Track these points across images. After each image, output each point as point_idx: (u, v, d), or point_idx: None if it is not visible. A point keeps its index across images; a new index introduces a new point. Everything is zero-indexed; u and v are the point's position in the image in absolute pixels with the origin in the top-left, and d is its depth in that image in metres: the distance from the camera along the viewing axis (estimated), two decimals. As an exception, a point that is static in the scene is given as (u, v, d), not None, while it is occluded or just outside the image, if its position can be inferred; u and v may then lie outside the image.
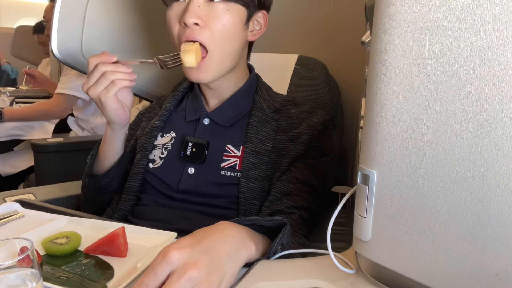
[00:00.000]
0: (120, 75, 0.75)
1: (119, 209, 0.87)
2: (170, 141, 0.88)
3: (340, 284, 0.51)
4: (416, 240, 0.43)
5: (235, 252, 0.51)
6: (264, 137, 0.83)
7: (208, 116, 0.87)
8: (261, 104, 0.86)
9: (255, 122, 0.84)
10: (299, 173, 0.81)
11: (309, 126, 0.84)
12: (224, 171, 0.81)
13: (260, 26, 0.85)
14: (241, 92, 0.87)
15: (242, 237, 0.54)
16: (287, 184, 0.79)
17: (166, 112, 0.92)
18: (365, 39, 0.61)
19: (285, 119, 0.86)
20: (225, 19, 0.76)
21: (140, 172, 0.87)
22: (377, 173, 0.45)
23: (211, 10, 0.75)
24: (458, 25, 0.37)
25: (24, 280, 0.42)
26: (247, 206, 0.78)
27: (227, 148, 0.83)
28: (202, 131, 0.86)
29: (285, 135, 0.83)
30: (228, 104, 0.87)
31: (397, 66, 0.42)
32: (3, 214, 0.73)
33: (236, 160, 0.82)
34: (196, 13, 0.74)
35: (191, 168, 0.83)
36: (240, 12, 0.78)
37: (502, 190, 0.37)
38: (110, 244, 0.59)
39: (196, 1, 0.75)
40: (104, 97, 0.76)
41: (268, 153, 0.81)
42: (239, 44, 0.81)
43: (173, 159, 0.86)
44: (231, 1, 0.76)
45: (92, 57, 0.76)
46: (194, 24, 0.75)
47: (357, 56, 1.14)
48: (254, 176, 0.79)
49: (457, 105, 0.38)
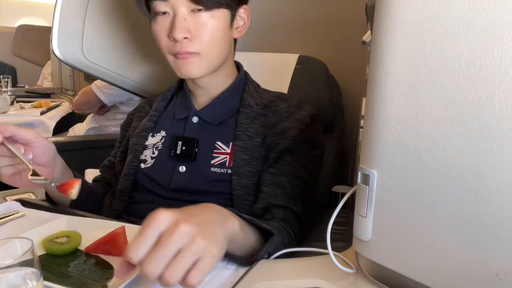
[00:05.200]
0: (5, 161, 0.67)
1: (113, 209, 0.87)
2: (161, 141, 0.88)
3: (340, 284, 0.51)
4: (416, 240, 0.43)
5: (221, 221, 0.51)
6: (252, 133, 0.83)
7: (197, 114, 0.87)
8: (249, 101, 0.87)
9: (244, 119, 0.84)
10: (289, 166, 0.81)
11: (297, 120, 0.84)
12: (214, 168, 0.82)
13: (243, 21, 0.85)
14: (230, 90, 0.88)
15: (225, 212, 0.54)
16: (279, 176, 0.80)
17: (156, 112, 0.92)
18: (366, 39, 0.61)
19: (273, 114, 0.86)
20: (211, 26, 0.77)
21: (132, 173, 0.87)
22: (377, 173, 0.45)
23: (197, 21, 0.76)
24: (458, 25, 0.37)
25: (24, 279, 0.42)
26: (240, 203, 0.79)
27: (216, 145, 0.84)
28: (191, 129, 0.86)
29: (273, 129, 0.84)
30: (217, 102, 0.87)
31: (398, 66, 0.42)
32: (3, 213, 0.73)
33: (226, 157, 0.82)
34: (183, 27, 0.75)
35: (182, 166, 0.84)
36: (224, 15, 0.79)
37: (503, 190, 0.37)
38: (111, 244, 0.59)
39: (181, 14, 0.76)
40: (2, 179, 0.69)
41: (257, 148, 0.82)
42: (226, 44, 0.82)
43: (164, 158, 0.86)
44: (214, 8, 0.77)
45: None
46: (183, 38, 0.76)
47: (357, 56, 1.14)
48: (246, 172, 0.80)
49: (457, 105, 0.38)
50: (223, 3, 0.77)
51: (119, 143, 0.99)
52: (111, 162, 0.99)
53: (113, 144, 1.03)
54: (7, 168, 0.68)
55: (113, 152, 1.01)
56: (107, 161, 1.00)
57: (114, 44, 1.22)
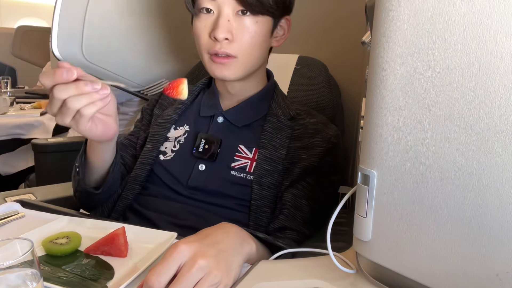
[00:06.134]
0: (85, 99, 0.59)
1: (122, 197, 0.86)
2: (184, 135, 0.87)
3: (340, 284, 0.51)
4: (416, 240, 0.43)
5: (238, 246, 0.55)
6: (278, 144, 0.82)
7: (223, 115, 0.86)
8: (276, 111, 0.86)
9: (270, 128, 0.84)
10: (311, 191, 0.81)
11: (323, 138, 0.84)
12: (234, 171, 0.81)
13: (283, 31, 0.85)
14: (259, 96, 0.88)
15: (243, 235, 0.58)
16: (300, 199, 0.80)
17: (182, 106, 0.91)
18: (366, 39, 0.61)
19: (300, 127, 0.86)
20: (253, 31, 0.77)
21: (149, 163, 0.85)
22: (377, 173, 0.45)
23: (240, 23, 0.77)
24: (458, 25, 0.37)
25: (24, 280, 0.42)
26: (258, 214, 0.79)
27: (239, 148, 0.83)
28: (216, 128, 0.86)
29: (299, 143, 0.83)
30: (244, 105, 0.87)
31: (397, 66, 0.42)
32: (3, 214, 0.73)
33: (247, 162, 0.82)
34: (226, 28, 0.76)
35: (202, 165, 0.83)
36: (267, 22, 0.79)
37: (503, 190, 0.37)
38: (111, 244, 0.59)
39: (226, 15, 0.76)
40: (78, 129, 0.63)
41: (281, 160, 0.81)
42: (264, 51, 0.83)
43: (185, 154, 0.85)
44: (259, 13, 0.77)
45: (43, 75, 0.58)
46: (224, 39, 0.76)
47: (357, 56, 1.14)
48: (267, 183, 0.80)
49: (457, 105, 0.38)
50: (269, 10, 0.78)
51: (143, 126, 0.95)
52: (131, 142, 0.94)
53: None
54: (89, 107, 0.59)
55: (132, 131, 0.97)
56: (125, 139, 0.95)
57: (114, 44, 1.22)
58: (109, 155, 0.77)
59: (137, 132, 0.96)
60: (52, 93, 0.58)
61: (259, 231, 0.77)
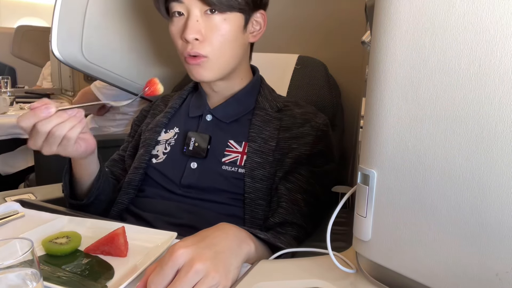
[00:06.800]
0: (68, 124, 0.65)
1: (117, 202, 0.87)
2: (174, 137, 0.89)
3: (340, 284, 0.51)
4: (416, 240, 0.43)
5: (236, 247, 0.54)
6: (267, 136, 0.83)
7: (211, 112, 0.88)
8: (263, 104, 0.87)
9: (258, 121, 0.85)
10: (306, 183, 0.82)
11: (312, 127, 0.85)
12: (225, 165, 0.82)
13: (259, 25, 0.85)
14: (244, 91, 0.89)
15: (241, 235, 0.58)
16: (295, 194, 0.81)
17: (171, 110, 0.93)
18: (365, 39, 0.61)
19: (288, 117, 0.87)
20: (223, 29, 0.78)
21: (142, 167, 0.87)
22: (377, 173, 0.45)
23: (209, 23, 0.77)
24: (458, 25, 0.37)
25: (24, 280, 0.42)
26: (253, 207, 0.79)
27: (229, 143, 0.84)
28: (205, 126, 0.87)
29: (288, 133, 0.84)
30: (230, 101, 0.88)
31: (397, 66, 0.42)
32: (3, 214, 0.73)
33: (237, 156, 0.83)
34: (195, 28, 0.76)
35: (193, 163, 0.84)
36: (237, 19, 0.79)
37: (502, 190, 0.37)
38: (110, 244, 0.59)
39: (195, 16, 0.77)
40: (65, 152, 0.69)
41: (272, 152, 0.82)
42: (239, 48, 0.82)
43: (176, 154, 0.86)
44: (226, 11, 0.77)
45: (22, 120, 0.63)
46: (194, 39, 0.77)
47: (357, 56, 1.14)
48: (259, 176, 0.80)
49: (457, 105, 0.38)
50: (236, 7, 0.78)
51: (131, 138, 0.99)
52: (121, 156, 0.99)
53: (112, 144, 1.04)
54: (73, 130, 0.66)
55: (123, 146, 1.01)
56: (116, 155, 1.00)
57: (114, 44, 1.22)
58: (94, 166, 0.82)
59: (126, 146, 0.99)
60: (36, 129, 0.63)
61: (255, 224, 0.78)
